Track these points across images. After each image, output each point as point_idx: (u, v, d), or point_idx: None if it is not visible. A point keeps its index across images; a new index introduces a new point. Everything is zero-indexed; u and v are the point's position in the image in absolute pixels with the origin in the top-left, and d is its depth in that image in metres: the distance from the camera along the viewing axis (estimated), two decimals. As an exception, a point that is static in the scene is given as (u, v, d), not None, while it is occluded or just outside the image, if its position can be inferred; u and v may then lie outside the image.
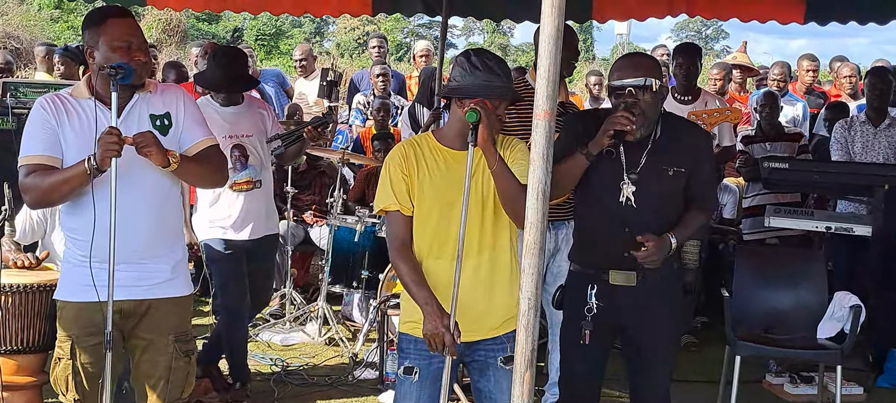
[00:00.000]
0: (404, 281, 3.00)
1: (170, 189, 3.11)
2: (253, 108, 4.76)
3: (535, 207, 2.12)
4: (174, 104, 3.13)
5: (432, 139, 3.07)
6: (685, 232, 3.24)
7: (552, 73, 2.08)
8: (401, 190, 3.00)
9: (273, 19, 40.42)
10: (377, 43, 8.84)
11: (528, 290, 2.11)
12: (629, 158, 3.20)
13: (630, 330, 3.34)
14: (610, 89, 3.20)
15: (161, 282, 3.13)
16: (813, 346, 4.61)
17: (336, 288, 6.11)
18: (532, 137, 2.13)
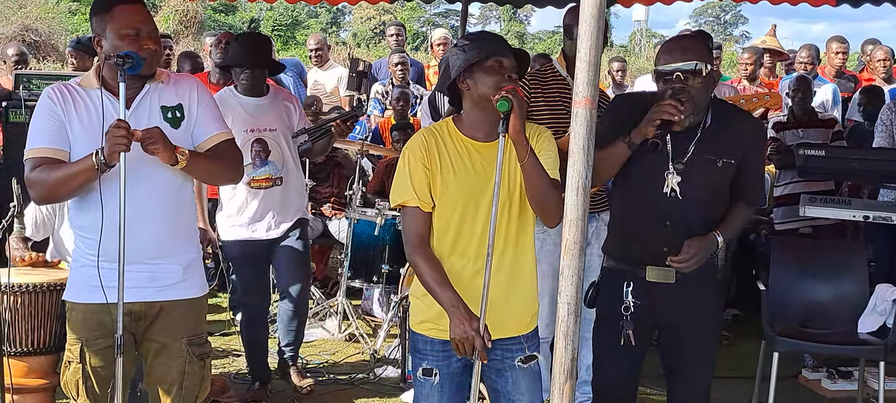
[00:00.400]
0: (426, 282, 2.81)
1: (182, 185, 2.96)
2: (278, 100, 4.48)
3: (575, 203, 1.94)
4: (188, 95, 2.97)
5: (454, 128, 2.87)
6: (731, 229, 3.07)
7: (593, 56, 1.90)
8: (421, 184, 2.81)
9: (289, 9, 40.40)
10: (395, 31, 8.66)
11: (568, 294, 1.94)
12: (676, 147, 3.01)
13: (668, 329, 3.16)
14: (657, 74, 3.00)
15: (173, 283, 2.97)
16: (854, 341, 4.42)
17: (356, 282, 5.96)
18: (571, 127, 1.95)
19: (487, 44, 2.75)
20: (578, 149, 1.93)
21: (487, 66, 2.73)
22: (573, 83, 4.26)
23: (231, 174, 3.12)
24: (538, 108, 4.18)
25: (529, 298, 2.91)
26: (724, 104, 3.18)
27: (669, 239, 3.00)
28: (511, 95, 2.59)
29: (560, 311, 1.97)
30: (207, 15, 32.16)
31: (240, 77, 4.37)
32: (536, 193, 2.70)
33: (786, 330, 4.46)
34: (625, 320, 3.05)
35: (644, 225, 3.06)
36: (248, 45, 4.45)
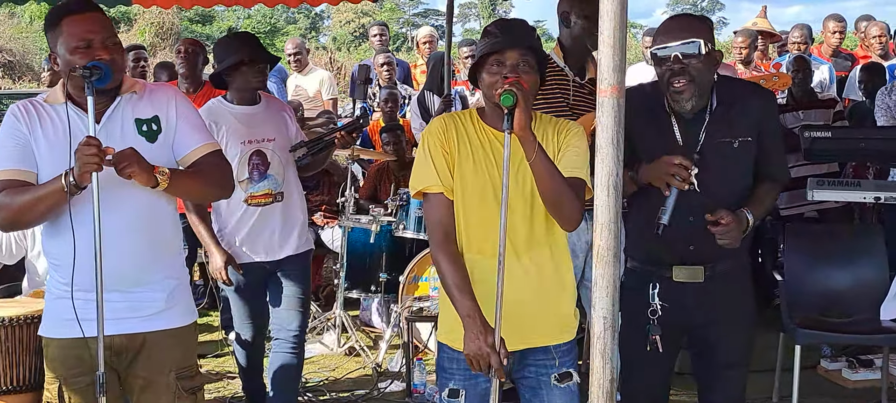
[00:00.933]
0: (445, 283, 2.57)
1: (162, 204, 2.71)
2: (273, 108, 4.03)
3: (607, 205, 1.71)
4: (165, 106, 2.72)
5: (476, 116, 2.67)
6: (761, 208, 2.84)
7: (618, 38, 1.67)
8: (443, 168, 2.58)
9: (267, 17, 40.14)
10: (378, 31, 8.42)
11: (604, 307, 1.71)
12: (686, 136, 2.80)
13: (699, 331, 2.94)
14: (654, 57, 2.79)
15: (156, 313, 2.73)
16: (877, 330, 4.24)
17: (353, 293, 5.72)
18: (597, 119, 1.73)
19: (488, 42, 2.56)
20: (607, 143, 1.71)
21: (487, 66, 2.55)
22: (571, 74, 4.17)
23: (219, 190, 2.88)
24: (536, 103, 3.96)
25: (565, 306, 2.69)
26: (727, 80, 2.95)
27: (694, 235, 2.79)
28: (515, 89, 2.37)
29: (595, 327, 1.75)
30: (184, 26, 31.84)
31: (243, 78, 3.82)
32: (547, 193, 2.48)
33: (805, 320, 4.28)
34: (652, 324, 2.83)
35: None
36: (244, 38, 4.01)
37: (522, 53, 2.53)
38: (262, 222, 3.88)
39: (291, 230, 3.98)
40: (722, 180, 2.78)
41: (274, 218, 3.90)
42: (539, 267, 2.62)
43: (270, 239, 3.91)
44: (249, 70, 3.80)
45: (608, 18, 1.66)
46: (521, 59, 2.53)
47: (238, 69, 3.79)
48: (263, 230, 3.89)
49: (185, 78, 5.60)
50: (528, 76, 2.52)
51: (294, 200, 4.01)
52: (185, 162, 2.73)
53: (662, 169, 2.71)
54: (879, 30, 7.64)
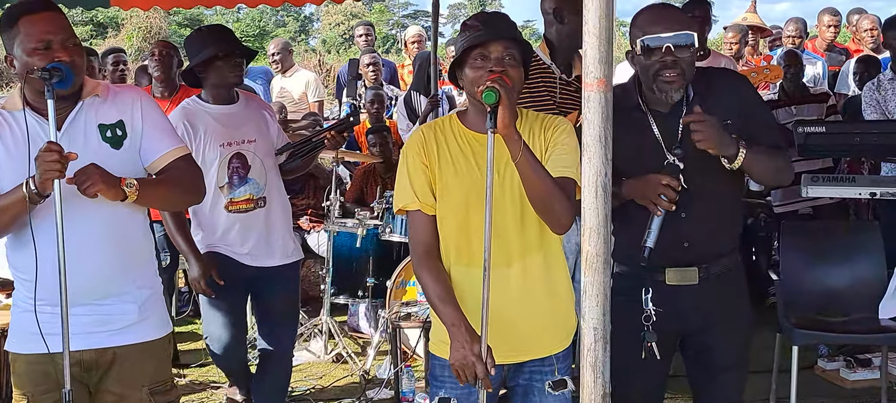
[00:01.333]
0: (429, 297, 2.50)
1: (130, 213, 2.58)
2: (252, 107, 3.78)
3: (595, 207, 1.60)
4: (129, 109, 2.59)
5: (457, 121, 2.56)
6: (759, 151, 2.62)
7: (604, 28, 1.56)
8: (421, 184, 2.50)
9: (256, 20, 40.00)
10: (364, 31, 8.29)
11: (595, 317, 1.60)
12: (665, 131, 2.68)
13: (695, 336, 2.82)
14: (643, 47, 2.63)
15: (128, 326, 2.61)
16: (876, 329, 4.14)
17: (340, 299, 5.59)
18: (583, 115, 1.61)
19: (470, 35, 2.42)
20: (594, 140, 1.59)
21: (470, 61, 2.42)
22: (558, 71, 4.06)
23: (191, 196, 2.76)
24: (522, 100, 3.86)
25: (563, 311, 2.58)
26: (699, 70, 2.81)
27: (686, 231, 2.68)
28: (498, 85, 2.26)
29: (586, 338, 1.63)
30: (172, 30, 31.66)
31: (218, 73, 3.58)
32: (535, 195, 2.36)
33: (802, 320, 4.18)
34: (646, 330, 2.71)
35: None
36: (217, 31, 3.73)
37: (507, 46, 2.42)
38: (245, 230, 3.65)
39: (277, 238, 3.76)
40: (705, 169, 2.65)
41: (257, 225, 3.68)
42: (533, 275, 2.51)
43: (254, 246, 3.69)
44: (225, 65, 3.57)
45: (594, 7, 1.54)
46: (506, 53, 2.41)
47: (212, 64, 3.56)
48: (246, 239, 3.67)
49: (159, 81, 5.45)
50: (514, 70, 2.41)
51: (278, 206, 3.77)
52: (153, 168, 2.60)
53: (649, 189, 2.59)
54: (871, 22, 7.55)
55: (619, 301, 2.81)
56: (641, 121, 2.71)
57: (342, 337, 5.41)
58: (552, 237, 2.53)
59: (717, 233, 2.74)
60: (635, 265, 2.74)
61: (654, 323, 2.70)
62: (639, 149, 2.68)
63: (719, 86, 2.74)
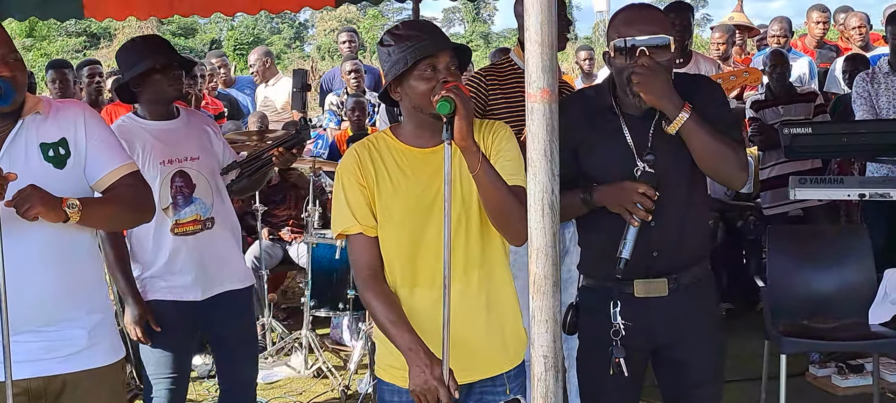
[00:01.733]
0: (379, 321, 2.37)
1: (75, 234, 2.46)
2: (194, 122, 3.51)
3: (542, 227, 1.48)
4: (72, 126, 2.47)
5: (391, 137, 2.44)
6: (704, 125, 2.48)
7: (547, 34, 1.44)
8: (360, 205, 2.38)
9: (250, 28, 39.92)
10: (347, 37, 8.18)
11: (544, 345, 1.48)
12: (637, 136, 2.57)
13: (666, 351, 2.70)
14: (617, 49, 2.52)
15: (77, 352, 2.49)
16: (867, 335, 4.03)
17: (321, 312, 5.47)
18: (527, 128, 1.50)
19: (415, 46, 2.29)
20: (539, 156, 1.47)
21: (418, 72, 2.30)
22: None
23: (139, 215, 2.63)
24: (497, 104, 3.78)
25: (510, 328, 2.47)
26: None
27: (658, 241, 2.57)
28: (454, 94, 2.14)
29: (535, 367, 1.51)
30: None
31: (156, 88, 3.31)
32: (494, 207, 2.25)
33: (790, 327, 4.07)
34: (614, 345, 2.59)
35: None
36: (153, 41, 3.42)
37: (452, 56, 2.32)
38: (192, 255, 3.36)
39: (226, 262, 3.47)
40: (675, 172, 2.55)
41: (205, 248, 3.38)
42: (478, 291, 2.40)
43: (204, 273, 3.39)
44: (163, 78, 3.30)
45: (535, 12, 1.43)
46: (452, 63, 2.31)
47: (149, 78, 3.29)
48: (194, 263, 3.37)
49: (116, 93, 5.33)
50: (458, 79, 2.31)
51: (226, 227, 3.48)
52: (99, 187, 2.49)
53: (624, 197, 2.48)
54: (859, 20, 7.44)
55: (587, 316, 2.72)
56: (613, 123, 2.60)
57: (323, 352, 5.30)
58: (497, 252, 2.43)
59: (687, 242, 2.63)
60: (603, 277, 2.63)
61: (622, 338, 2.58)
62: (609, 152, 2.58)
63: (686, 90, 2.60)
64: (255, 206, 5.69)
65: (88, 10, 5.62)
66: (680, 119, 2.45)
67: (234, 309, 3.49)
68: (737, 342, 5.36)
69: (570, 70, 16.17)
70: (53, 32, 31.20)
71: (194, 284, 3.37)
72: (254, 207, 5.70)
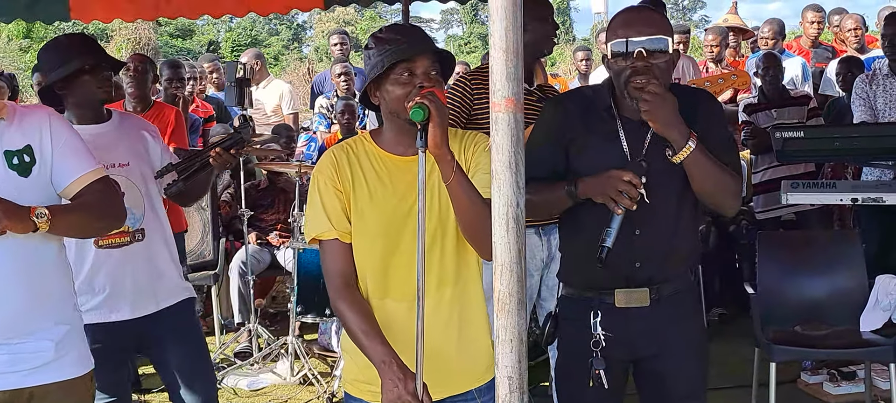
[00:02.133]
0: (352, 332, 2.30)
1: (41, 244, 2.40)
2: (127, 126, 3.24)
3: (506, 242, 1.41)
4: (37, 133, 2.40)
5: (370, 142, 2.38)
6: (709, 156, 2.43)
7: (512, 41, 1.38)
8: (336, 210, 2.31)
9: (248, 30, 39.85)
10: (339, 39, 8.10)
11: (509, 365, 1.41)
12: (632, 141, 2.51)
13: (647, 363, 2.63)
14: (613, 53, 2.47)
15: (44, 364, 2.42)
16: (859, 343, 3.97)
17: (308, 317, 5.40)
18: (491, 138, 1.43)
19: (393, 49, 2.23)
20: (504, 167, 1.41)
21: (394, 76, 2.24)
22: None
23: (110, 222, 2.57)
24: (483, 109, 3.71)
25: (481, 343, 2.41)
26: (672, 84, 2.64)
27: (642, 251, 2.50)
28: (428, 101, 2.08)
29: (500, 388, 1.45)
30: (163, 41, 31.49)
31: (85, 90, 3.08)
32: (467, 219, 2.19)
33: (781, 335, 4.01)
34: (594, 356, 2.53)
35: None
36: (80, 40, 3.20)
37: (433, 60, 2.25)
38: (120, 269, 3.09)
39: (159, 276, 3.20)
40: (668, 186, 2.48)
41: (134, 263, 3.12)
42: (451, 305, 2.34)
43: (133, 289, 3.12)
44: (92, 79, 3.07)
45: (499, 17, 1.37)
46: (432, 67, 2.24)
47: (77, 79, 3.06)
48: (123, 279, 3.10)
49: (133, 97, 5.25)
50: (439, 85, 2.24)
51: (159, 240, 3.21)
52: (66, 194, 2.42)
53: (609, 185, 2.40)
54: (854, 22, 7.37)
55: (567, 326, 2.66)
56: (609, 125, 2.54)
57: (309, 358, 5.23)
58: (472, 268, 2.37)
59: (673, 254, 2.56)
60: (583, 286, 2.57)
61: (602, 349, 2.51)
62: (602, 154, 2.50)
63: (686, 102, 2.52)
64: (241, 211, 5.63)
65: (75, 13, 5.58)
66: (687, 149, 2.40)
67: (174, 327, 3.23)
68: (728, 347, 5.32)
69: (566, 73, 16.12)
70: (51, 34, 31.20)
71: (119, 302, 3.10)
72: (240, 212, 5.63)
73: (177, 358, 3.23)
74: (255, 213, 6.00)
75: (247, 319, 5.71)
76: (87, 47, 3.13)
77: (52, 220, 2.28)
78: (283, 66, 30.11)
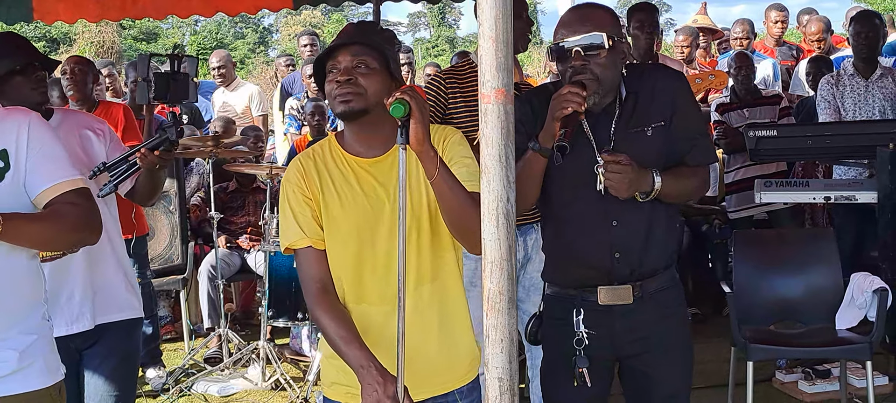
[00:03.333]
0: (330, 338, 2.25)
1: (5, 252, 2.29)
2: (68, 126, 3.03)
3: (496, 238, 1.36)
4: (14, 137, 2.27)
5: (336, 145, 2.34)
6: (674, 181, 2.48)
7: (502, 31, 1.33)
8: (306, 218, 2.28)
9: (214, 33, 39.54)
10: (308, 40, 8.03)
11: (499, 365, 1.36)
12: (597, 135, 2.49)
13: (632, 362, 2.60)
14: (553, 53, 2.48)
15: (7, 375, 2.31)
16: (834, 341, 3.97)
17: (279, 322, 5.31)
18: (480, 131, 1.38)
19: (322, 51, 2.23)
20: (494, 161, 1.36)
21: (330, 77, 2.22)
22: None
23: (79, 235, 2.39)
24: (457, 109, 3.68)
25: (462, 342, 2.37)
26: (635, 67, 2.66)
27: (621, 242, 2.48)
28: (408, 96, 2.03)
29: (490, 390, 1.40)
30: (127, 44, 31.10)
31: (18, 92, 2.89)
32: (454, 215, 2.14)
33: (757, 334, 3.99)
34: (577, 355, 2.49)
35: (584, 236, 2.52)
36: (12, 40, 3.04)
37: (357, 52, 2.21)
38: (56, 282, 2.84)
39: (100, 289, 2.98)
40: None
41: (72, 275, 2.91)
42: (430, 304, 2.30)
43: (69, 303, 2.90)
44: (26, 81, 2.90)
45: (489, 6, 1.32)
46: (357, 60, 2.20)
47: (10, 81, 2.89)
48: (59, 292, 2.87)
49: (74, 100, 5.13)
50: (368, 78, 2.20)
51: (102, 250, 2.94)
52: (38, 202, 2.30)
53: (556, 105, 2.36)
54: (818, 28, 7.32)
55: (550, 324, 2.63)
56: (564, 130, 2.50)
57: (281, 363, 5.14)
58: (449, 265, 2.33)
59: (651, 245, 2.53)
60: (567, 284, 2.54)
61: (586, 348, 2.48)
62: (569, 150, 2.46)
63: (654, 83, 2.56)
64: (210, 214, 5.53)
65: (37, 14, 5.47)
66: (656, 190, 2.44)
67: (111, 345, 3.00)
68: (703, 347, 5.29)
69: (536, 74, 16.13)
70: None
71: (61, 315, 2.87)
72: (210, 215, 5.53)
73: (100, 380, 2.99)
74: (224, 216, 5.90)
75: (217, 324, 5.61)
76: (19, 47, 2.96)
77: (4, 226, 2.13)
78: (249, 69, 29.86)
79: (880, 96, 5.32)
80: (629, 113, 2.50)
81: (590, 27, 2.41)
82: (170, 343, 6.16)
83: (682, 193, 2.57)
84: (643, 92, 2.52)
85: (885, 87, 5.34)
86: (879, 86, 5.34)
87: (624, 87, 2.52)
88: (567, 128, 2.33)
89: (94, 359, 2.99)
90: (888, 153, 4.59)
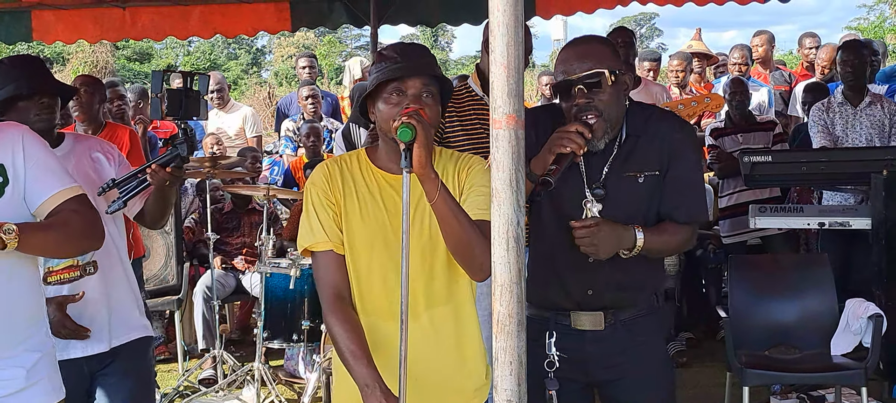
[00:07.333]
0: (339, 350, 2.25)
1: (15, 265, 2.30)
2: (79, 151, 3.03)
3: (506, 261, 1.38)
4: (10, 151, 2.31)
5: (365, 158, 2.36)
6: (657, 236, 2.47)
7: (513, 58, 1.35)
8: (329, 221, 2.29)
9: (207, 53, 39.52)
10: (307, 62, 8.05)
11: (507, 388, 1.37)
12: (590, 169, 2.50)
13: (609, 388, 2.62)
14: (555, 88, 2.47)
15: (13, 393, 2.32)
16: (830, 367, 3.98)
17: (274, 343, 5.29)
18: (491, 156, 1.40)
19: (388, 66, 2.22)
20: (504, 185, 1.38)
21: (385, 95, 2.23)
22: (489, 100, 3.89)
23: (84, 242, 2.45)
24: (454, 131, 3.71)
25: (473, 367, 2.38)
26: (642, 108, 2.63)
27: (595, 277, 2.49)
28: (414, 120, 2.05)
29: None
30: (120, 64, 31.08)
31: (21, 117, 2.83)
32: (454, 239, 2.16)
33: (753, 359, 4.01)
34: (548, 377, 2.49)
35: (564, 263, 2.53)
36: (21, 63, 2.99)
37: (426, 82, 2.23)
38: (78, 305, 2.85)
39: (115, 309, 2.97)
40: (624, 217, 2.46)
41: (90, 297, 2.87)
42: (440, 328, 2.31)
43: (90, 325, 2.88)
44: (30, 106, 2.89)
45: (500, 32, 1.34)
46: (425, 89, 2.22)
47: (13, 105, 2.88)
48: (80, 316, 2.85)
49: (80, 121, 5.13)
50: (431, 108, 2.21)
51: (114, 272, 2.97)
52: (40, 213, 2.33)
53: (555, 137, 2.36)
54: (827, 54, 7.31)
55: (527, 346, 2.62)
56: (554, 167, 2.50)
57: (276, 385, 5.12)
58: (463, 289, 2.34)
59: (625, 288, 2.54)
60: (541, 306, 2.56)
61: (557, 370, 2.49)
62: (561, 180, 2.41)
63: (654, 130, 2.54)
64: (207, 235, 5.52)
65: (37, 34, 5.50)
66: (637, 248, 2.44)
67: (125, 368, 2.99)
68: (697, 371, 5.34)
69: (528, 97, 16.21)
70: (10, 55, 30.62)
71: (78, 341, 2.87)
72: (206, 235, 5.53)
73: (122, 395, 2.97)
74: (220, 237, 5.89)
75: (212, 345, 5.59)
76: (28, 73, 2.93)
77: (21, 237, 2.18)
78: (242, 91, 29.88)
79: (867, 124, 5.37)
80: (625, 155, 2.50)
81: (590, 62, 2.40)
82: (163, 364, 6.13)
83: (666, 250, 2.59)
84: (645, 137, 2.51)
85: (873, 115, 5.39)
86: (867, 114, 5.39)
87: (625, 129, 2.51)
88: (558, 165, 2.33)
89: (111, 380, 2.96)
90: (882, 179, 4.63)
